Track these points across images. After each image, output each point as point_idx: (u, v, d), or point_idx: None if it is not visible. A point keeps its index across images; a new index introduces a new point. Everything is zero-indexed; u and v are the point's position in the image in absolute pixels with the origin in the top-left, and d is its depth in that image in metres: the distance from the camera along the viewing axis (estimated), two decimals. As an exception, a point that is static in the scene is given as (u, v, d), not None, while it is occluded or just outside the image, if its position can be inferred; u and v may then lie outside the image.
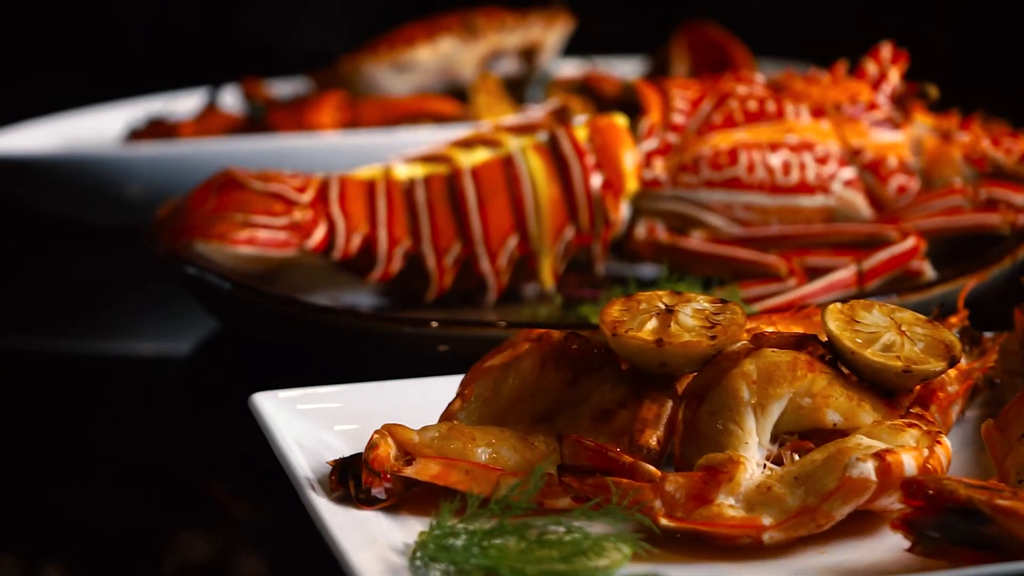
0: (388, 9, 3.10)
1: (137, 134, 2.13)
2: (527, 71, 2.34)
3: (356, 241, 1.56)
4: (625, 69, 2.53)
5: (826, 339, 1.12)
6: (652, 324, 1.11)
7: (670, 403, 1.11)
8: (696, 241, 1.59)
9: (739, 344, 1.11)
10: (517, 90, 2.32)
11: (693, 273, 1.59)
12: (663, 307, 1.13)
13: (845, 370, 1.11)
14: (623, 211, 1.59)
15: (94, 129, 2.21)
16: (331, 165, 1.89)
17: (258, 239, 1.53)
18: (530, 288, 1.62)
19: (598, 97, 2.31)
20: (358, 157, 1.92)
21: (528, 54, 2.34)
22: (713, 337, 1.10)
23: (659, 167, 1.60)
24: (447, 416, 1.14)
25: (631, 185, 1.59)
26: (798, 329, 1.21)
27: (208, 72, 2.80)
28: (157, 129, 2.11)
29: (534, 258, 1.58)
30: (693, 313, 1.12)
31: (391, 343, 1.36)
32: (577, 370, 1.14)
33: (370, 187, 1.58)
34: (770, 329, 1.18)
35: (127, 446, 1.41)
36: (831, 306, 1.13)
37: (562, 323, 1.40)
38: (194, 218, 1.53)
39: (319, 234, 1.55)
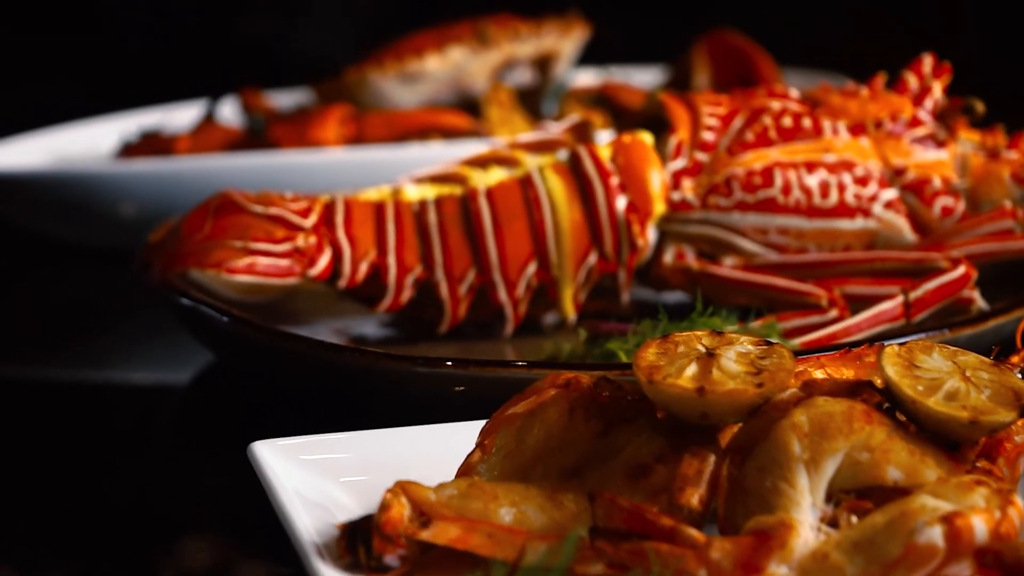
0: (392, 15, 3.02)
1: (130, 149, 2.04)
2: (541, 82, 2.25)
3: (363, 268, 1.47)
4: (643, 79, 2.44)
5: (882, 385, 1.03)
6: (692, 369, 1.02)
7: (713, 458, 1.02)
8: (728, 268, 1.49)
9: (788, 392, 1.02)
10: (531, 102, 2.23)
11: (724, 302, 1.50)
12: (703, 350, 1.04)
13: (903, 418, 1.02)
14: (650, 236, 1.50)
15: (85, 144, 2.12)
16: (335, 183, 1.80)
17: (258, 267, 1.43)
18: (549, 317, 1.53)
19: (616, 108, 2.22)
20: (364, 174, 1.83)
21: (542, 64, 2.24)
22: (760, 384, 1.01)
23: (688, 188, 1.51)
24: (466, 470, 1.05)
25: (658, 208, 1.50)
26: (849, 372, 1.11)
27: (205, 79, 2.72)
28: (151, 144, 2.02)
29: (554, 286, 1.49)
30: (737, 357, 1.03)
31: (402, 384, 1.27)
32: (609, 420, 1.04)
33: (378, 210, 1.49)
34: (820, 374, 1.09)
35: (114, 489, 1.32)
36: (888, 349, 1.04)
37: (590, 363, 1.31)
38: (189, 244, 1.44)
39: (323, 261, 1.46)
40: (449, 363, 1.25)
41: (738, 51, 2.34)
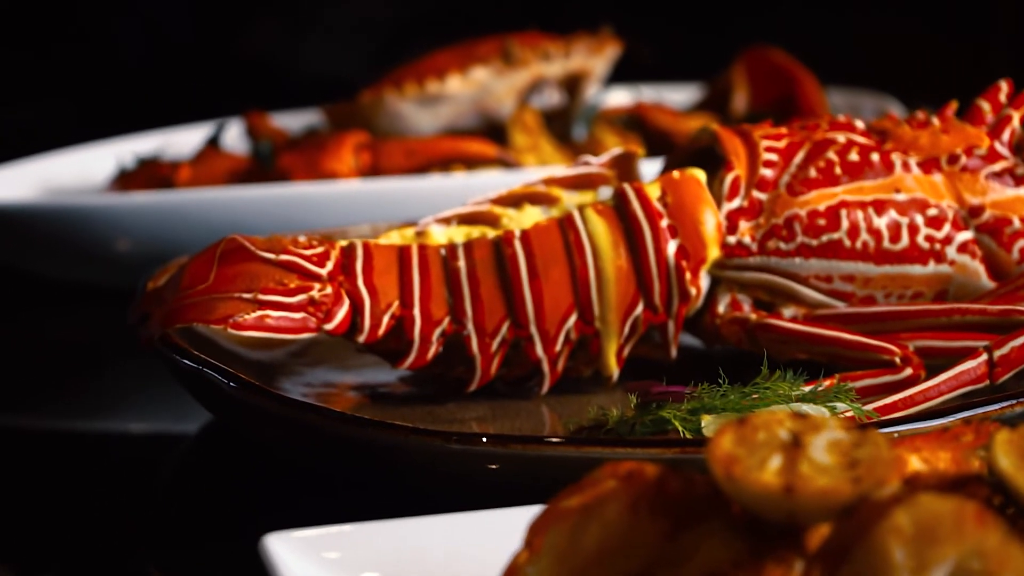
0: (407, 29, 2.90)
1: (127, 178, 1.92)
2: (570, 104, 2.12)
3: (385, 322, 1.34)
4: (677, 98, 2.31)
5: (990, 475, 0.91)
6: (776, 462, 0.89)
7: (800, 564, 0.89)
8: (790, 321, 1.37)
9: (887, 489, 0.89)
10: (559, 125, 2.11)
11: (783, 357, 1.37)
12: (788, 437, 0.91)
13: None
14: (702, 283, 1.38)
15: (78, 172, 2.01)
16: (350, 218, 1.69)
17: (269, 322, 1.31)
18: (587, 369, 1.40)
19: (650, 131, 2.10)
20: (382, 208, 1.72)
21: (572, 84, 2.12)
22: (856, 480, 0.88)
23: (745, 231, 1.39)
24: (512, 573, 0.92)
25: (712, 253, 1.38)
26: (946, 456, 0.99)
27: (207, 99, 2.61)
28: (149, 172, 1.90)
29: (597, 340, 1.36)
30: (827, 446, 0.90)
31: (433, 462, 1.14)
32: (678, 518, 0.92)
33: (401, 255, 1.36)
34: (916, 460, 0.96)
35: (100, 569, 1.20)
36: (999, 436, 0.92)
37: (647, 438, 1.18)
38: (191, 296, 1.31)
39: (341, 314, 1.33)
40: (485, 439, 1.12)
41: (780, 70, 2.21)
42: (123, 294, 1.53)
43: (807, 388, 1.27)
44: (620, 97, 2.29)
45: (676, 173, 1.40)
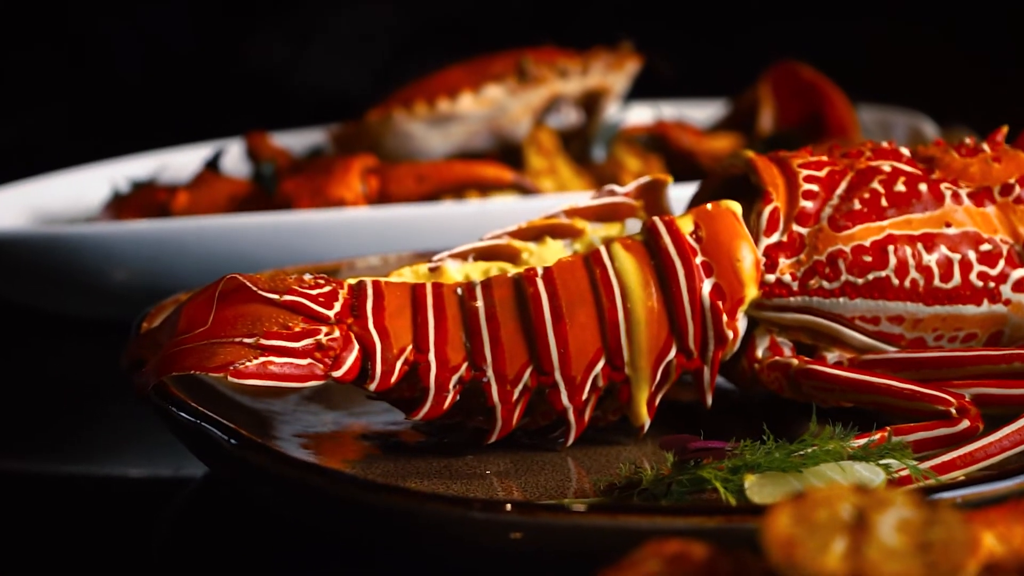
0: (414, 41, 2.81)
1: (121, 203, 1.83)
2: (589, 123, 2.04)
3: (398, 368, 1.25)
4: (700, 116, 2.23)
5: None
6: (841, 545, 0.81)
7: (868, 661, 0.81)
8: (835, 367, 1.28)
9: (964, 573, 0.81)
10: (576, 145, 2.02)
11: (827, 404, 1.29)
12: (851, 515, 0.82)
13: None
14: (740, 325, 1.29)
15: (69, 197, 1.92)
16: (358, 247, 1.60)
17: (272, 369, 1.22)
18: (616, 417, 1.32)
19: (673, 152, 2.01)
20: (391, 237, 1.64)
21: (590, 102, 2.03)
22: (930, 565, 0.80)
23: (785, 268, 1.30)
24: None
25: (750, 292, 1.29)
26: (1021, 532, 0.90)
27: (207, 109, 2.54)
28: (145, 197, 1.81)
29: (626, 387, 1.27)
30: (896, 526, 0.82)
31: (451, 528, 1.05)
32: (731, 608, 0.83)
33: (415, 295, 1.28)
34: (992, 540, 0.87)
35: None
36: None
37: (692, 506, 1.09)
38: (188, 342, 1.23)
39: (350, 360, 1.25)
40: (510, 507, 1.03)
41: (808, 86, 2.13)
42: (120, 327, 1.45)
43: (857, 441, 1.18)
44: (640, 115, 2.21)
45: (710, 205, 1.31)
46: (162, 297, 1.61)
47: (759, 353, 1.31)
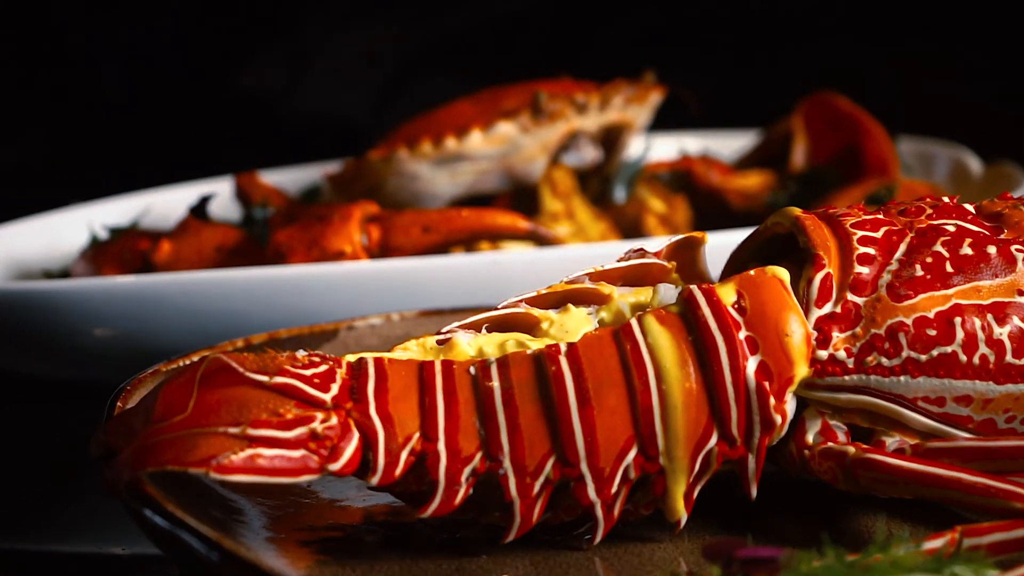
0: (413, 63, 2.69)
1: (99, 251, 1.71)
2: (608, 160, 1.91)
3: (404, 459, 1.13)
4: (725, 150, 2.10)
5: None
6: None
7: None
8: (898, 457, 1.15)
9: None
10: (596, 185, 1.89)
11: (884, 495, 1.16)
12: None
13: None
14: (788, 408, 1.16)
15: (45, 244, 1.80)
16: (358, 305, 1.48)
17: (261, 464, 1.09)
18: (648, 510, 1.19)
19: (699, 190, 1.89)
20: (394, 295, 1.51)
21: (610, 138, 1.90)
22: None
23: (839, 343, 1.17)
24: None
25: (800, 371, 1.16)
26: None
27: (197, 137, 2.43)
28: (125, 246, 1.68)
29: (661, 478, 1.15)
30: None
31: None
32: None
33: (422, 374, 1.15)
34: None
35: None
36: None
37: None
38: (166, 431, 1.10)
39: (349, 450, 1.12)
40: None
41: (845, 117, 2.01)
42: (99, 390, 1.36)
43: (929, 544, 1.06)
44: (662, 147, 2.08)
45: (753, 272, 1.18)
46: (144, 358, 1.50)
47: (809, 438, 1.19)
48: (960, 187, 2.06)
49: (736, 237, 1.51)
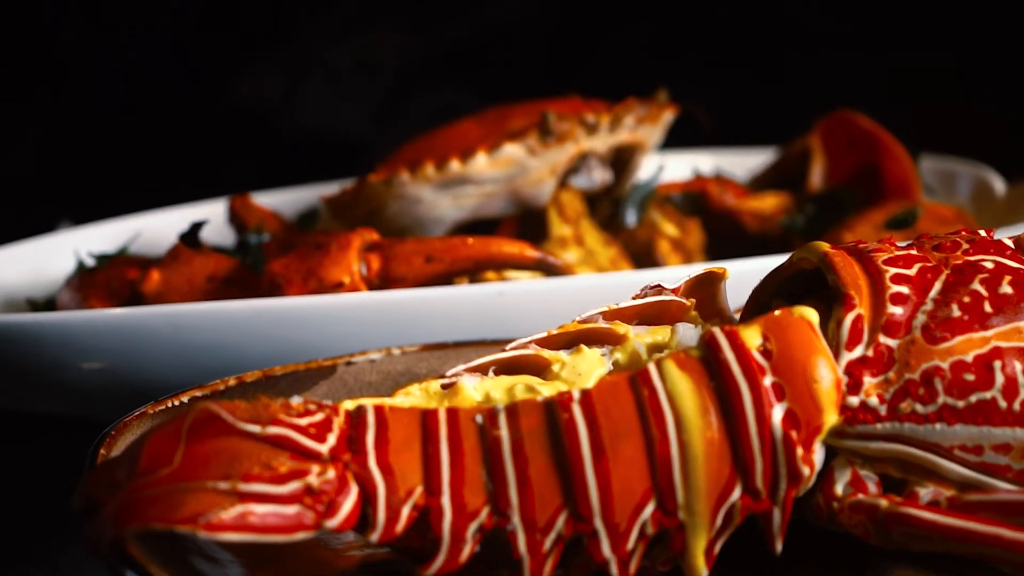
0: (414, 74, 2.63)
1: (85, 279, 1.64)
2: (619, 183, 1.84)
3: (405, 514, 1.06)
4: (739, 170, 2.04)
5: None
6: None
7: None
8: (934, 511, 1.08)
9: None
10: (606, 208, 1.83)
11: (916, 549, 1.10)
12: None
13: None
14: (816, 458, 1.09)
15: (29, 271, 1.73)
16: (357, 339, 1.42)
17: (252, 521, 1.03)
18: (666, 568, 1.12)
19: (713, 213, 1.82)
20: (396, 327, 1.45)
21: (620, 160, 1.83)
22: None
23: (871, 389, 1.11)
24: None
25: (829, 419, 1.09)
26: None
27: (191, 152, 2.38)
28: (113, 274, 1.62)
29: (680, 533, 1.08)
30: None
31: None
32: None
33: (425, 423, 1.08)
34: None
35: None
36: None
37: None
38: (151, 487, 1.03)
39: (348, 505, 1.06)
40: None
41: (865, 135, 1.94)
42: (86, 426, 1.35)
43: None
44: (674, 166, 2.01)
45: (779, 312, 1.12)
46: (133, 393, 1.44)
47: (839, 489, 1.12)
48: (983, 207, 2.00)
49: (756, 266, 1.44)
